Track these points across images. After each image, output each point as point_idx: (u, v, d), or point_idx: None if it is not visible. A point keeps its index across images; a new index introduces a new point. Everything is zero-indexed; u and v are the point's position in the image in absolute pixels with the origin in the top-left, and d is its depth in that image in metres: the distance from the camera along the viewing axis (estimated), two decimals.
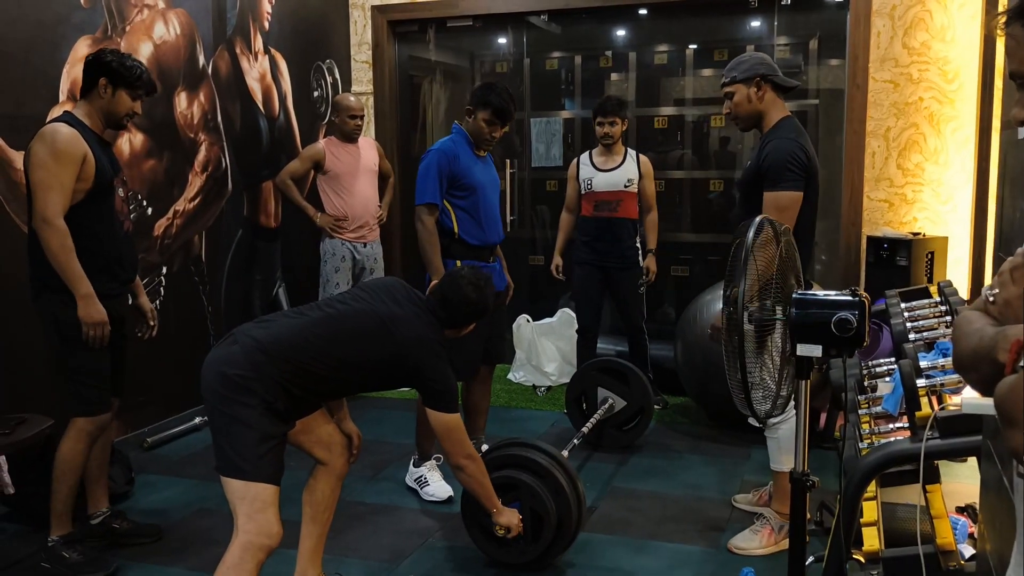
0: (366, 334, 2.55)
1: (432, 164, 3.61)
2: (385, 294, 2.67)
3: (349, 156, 5.05)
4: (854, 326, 1.99)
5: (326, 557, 3.18)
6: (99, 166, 3.06)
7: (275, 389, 2.40)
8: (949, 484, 3.21)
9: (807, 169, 3.06)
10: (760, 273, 2.18)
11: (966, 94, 4.79)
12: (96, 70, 3.11)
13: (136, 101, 3.18)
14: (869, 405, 2.73)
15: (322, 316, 2.57)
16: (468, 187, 3.64)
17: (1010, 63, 1.20)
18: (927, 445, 2.00)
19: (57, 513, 3.11)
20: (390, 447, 4.37)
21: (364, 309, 2.59)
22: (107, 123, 3.16)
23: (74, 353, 3.06)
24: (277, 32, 5.35)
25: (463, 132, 3.73)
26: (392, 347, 2.57)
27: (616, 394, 4.28)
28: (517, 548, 3.04)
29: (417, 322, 2.63)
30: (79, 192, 3.02)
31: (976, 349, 1.12)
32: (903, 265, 4.60)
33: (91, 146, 3.04)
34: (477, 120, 3.66)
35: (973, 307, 1.25)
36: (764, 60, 3.18)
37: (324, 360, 2.49)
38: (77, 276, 2.98)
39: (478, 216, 3.67)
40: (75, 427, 3.11)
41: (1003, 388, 0.97)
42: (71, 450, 3.10)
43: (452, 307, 2.75)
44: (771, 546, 3.21)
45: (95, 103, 3.12)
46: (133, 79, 3.12)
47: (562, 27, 6.11)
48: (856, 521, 2.31)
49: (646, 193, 4.82)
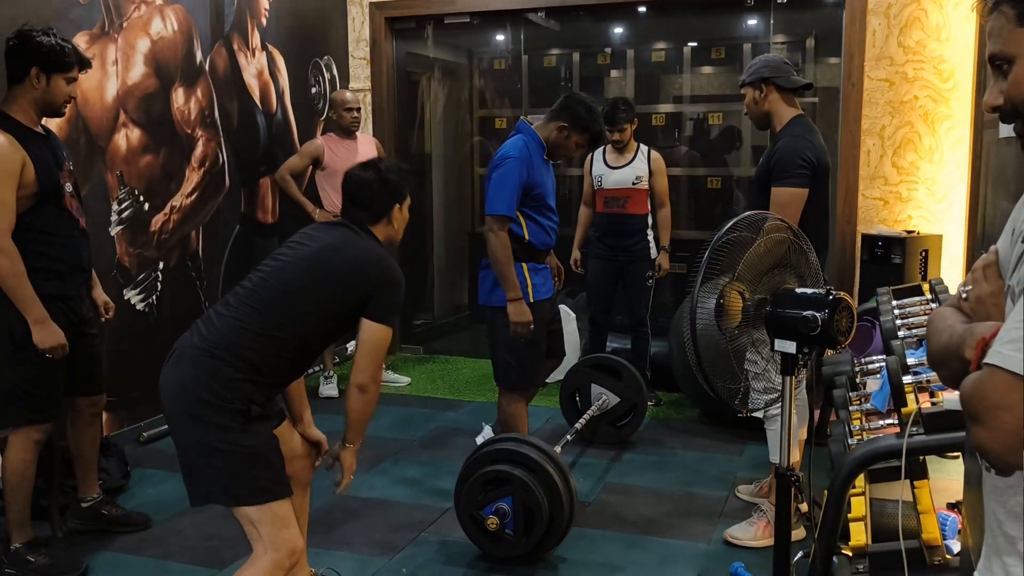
0: (311, 273, 2.40)
1: (512, 173, 3.39)
2: (306, 237, 2.53)
3: (347, 152, 5.07)
4: (818, 325, 2.00)
5: (319, 551, 3.21)
6: (40, 169, 2.85)
7: (241, 388, 2.25)
8: (940, 481, 3.23)
9: (814, 167, 3.12)
10: (753, 263, 2.21)
11: (961, 93, 4.80)
12: (25, 57, 2.83)
13: (71, 85, 2.92)
14: (860, 401, 2.76)
15: (259, 281, 2.41)
16: (539, 196, 3.51)
17: (992, 44, 1.17)
18: (911, 441, 2.01)
19: (16, 524, 3.01)
20: (385, 442, 4.39)
21: (298, 254, 2.45)
22: (42, 113, 2.94)
23: (24, 364, 2.90)
24: (275, 28, 5.36)
25: (536, 136, 3.52)
26: (342, 271, 2.41)
27: (610, 390, 4.30)
28: (509, 542, 3.06)
29: (355, 239, 2.48)
30: (24, 200, 2.83)
31: (947, 346, 1.14)
32: (897, 263, 4.62)
33: (28, 147, 2.83)
34: (569, 138, 3.51)
35: (947, 304, 1.26)
36: (769, 63, 3.26)
37: (278, 324, 2.33)
38: (29, 301, 2.82)
39: (544, 221, 3.56)
40: (21, 436, 2.97)
41: (967, 385, 0.99)
42: (20, 460, 2.97)
43: (365, 200, 2.55)
44: (766, 538, 3.22)
45: (28, 94, 2.86)
46: (67, 63, 2.87)
47: (560, 24, 6.13)
48: (843, 516, 2.33)
49: (658, 189, 4.86)
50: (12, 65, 2.87)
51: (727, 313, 2.24)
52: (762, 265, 2.26)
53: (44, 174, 2.88)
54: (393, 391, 5.35)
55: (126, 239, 4.27)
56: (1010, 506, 1.10)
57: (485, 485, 3.07)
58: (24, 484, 2.99)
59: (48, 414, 3.01)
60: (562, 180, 6.24)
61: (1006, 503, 1.10)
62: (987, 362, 0.96)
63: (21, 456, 2.98)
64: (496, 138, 6.45)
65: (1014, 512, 1.09)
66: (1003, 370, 0.94)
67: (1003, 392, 0.94)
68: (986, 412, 0.95)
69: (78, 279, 3.10)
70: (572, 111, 3.48)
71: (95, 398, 3.29)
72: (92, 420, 3.32)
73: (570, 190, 6.21)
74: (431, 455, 4.24)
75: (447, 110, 6.88)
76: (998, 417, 0.94)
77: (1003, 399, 0.93)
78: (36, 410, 2.98)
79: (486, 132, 6.58)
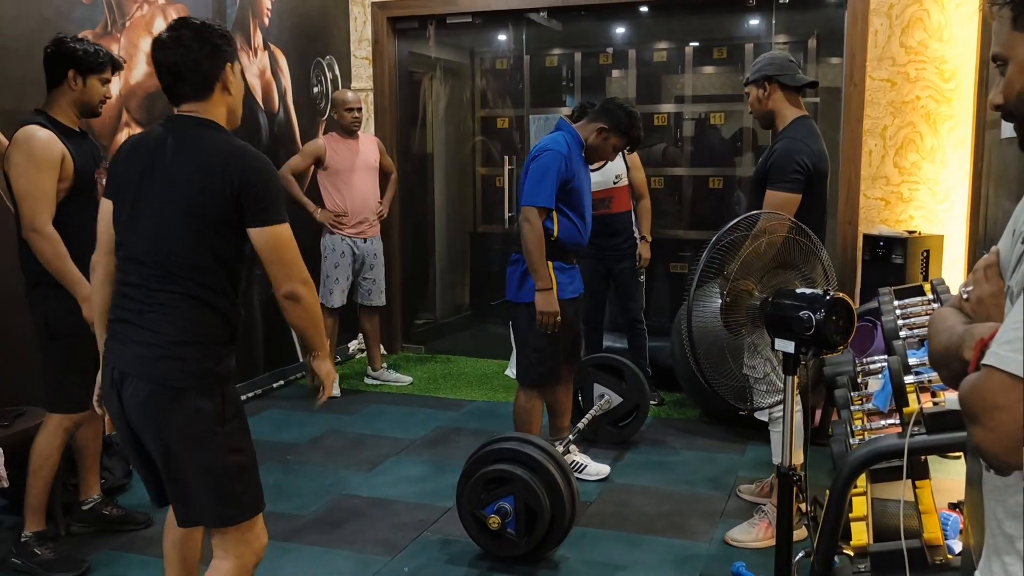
0: (176, 194, 2.06)
1: (552, 166, 3.41)
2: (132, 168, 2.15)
3: (349, 152, 5.09)
4: (812, 325, 2.00)
5: (320, 550, 3.22)
6: (77, 164, 3.00)
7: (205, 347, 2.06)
8: (943, 481, 3.24)
9: (809, 173, 3.10)
10: (750, 262, 2.21)
11: (963, 93, 4.80)
12: (62, 62, 3.00)
13: (106, 85, 3.09)
14: (862, 401, 2.76)
15: (132, 237, 2.11)
16: (575, 190, 3.52)
17: (993, 45, 1.20)
18: (913, 441, 2.01)
19: (32, 508, 3.09)
20: (387, 442, 4.40)
21: (152, 184, 2.09)
22: (81, 113, 3.09)
23: (61, 351, 3.03)
24: (277, 28, 5.37)
25: (576, 135, 3.56)
26: (209, 177, 2.05)
27: (612, 390, 4.30)
28: (511, 541, 3.07)
29: (190, 137, 2.12)
30: (61, 192, 2.98)
31: (947, 347, 1.15)
32: (899, 263, 4.62)
33: (67, 143, 2.98)
34: (607, 141, 3.56)
35: (949, 305, 1.27)
36: (773, 61, 3.23)
37: (179, 266, 2.06)
38: (76, 279, 2.94)
39: (576, 220, 3.56)
40: (52, 422, 3.09)
41: (966, 386, 0.99)
42: (48, 445, 3.08)
43: (189, 65, 2.10)
44: (768, 539, 3.22)
45: (66, 96, 3.03)
46: (101, 64, 3.03)
47: (562, 24, 6.13)
48: (845, 516, 2.34)
49: (636, 183, 4.90)
50: (50, 70, 3.02)
51: (734, 306, 2.24)
52: (761, 263, 2.27)
53: (81, 168, 3.01)
54: (395, 390, 5.36)
55: None
56: (1009, 505, 1.10)
57: (487, 484, 3.08)
58: (46, 469, 3.09)
59: (81, 403, 3.07)
60: None
61: (1005, 502, 1.11)
62: (985, 363, 0.97)
63: (49, 440, 3.09)
64: (498, 138, 6.47)
65: (1013, 511, 1.10)
66: (1001, 371, 0.95)
67: (1000, 393, 0.94)
68: (984, 412, 0.96)
69: None
70: (612, 114, 3.53)
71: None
72: (96, 418, 3.32)
73: None
74: (433, 454, 4.24)
75: (449, 110, 6.88)
76: (996, 417, 0.94)
77: (1001, 399, 0.94)
78: (70, 399, 3.07)
79: (488, 132, 6.59)
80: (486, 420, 4.72)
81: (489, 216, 6.68)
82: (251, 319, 5.20)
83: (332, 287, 5.15)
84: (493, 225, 6.61)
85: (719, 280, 2.43)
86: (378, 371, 5.50)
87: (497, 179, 6.34)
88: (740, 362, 2.49)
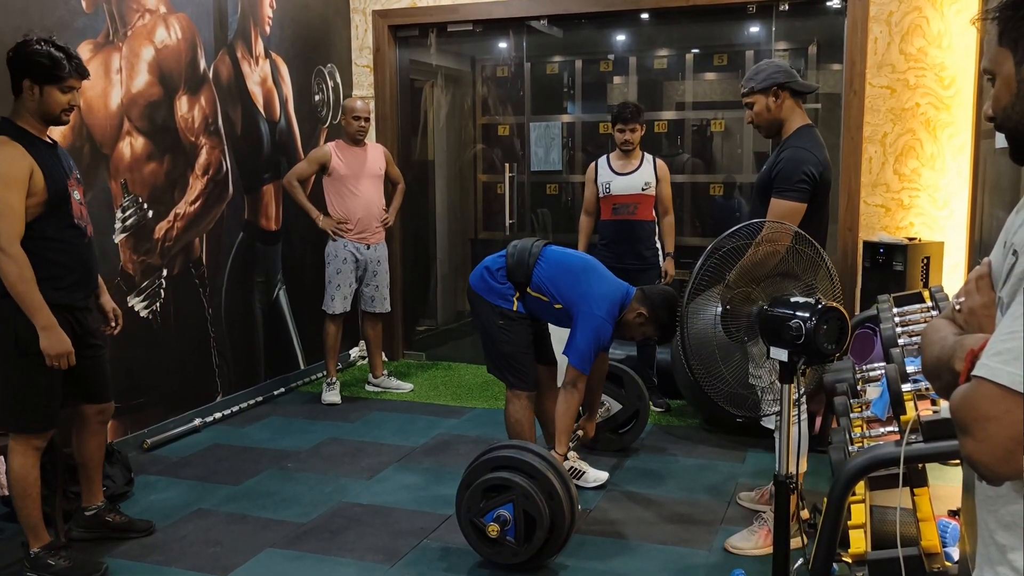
0: None
1: (604, 335, 3.65)
2: None
3: (355, 159, 5.11)
4: (802, 333, 2.00)
5: (321, 557, 3.22)
6: (48, 177, 2.88)
7: None
8: (941, 488, 3.23)
9: (815, 183, 3.09)
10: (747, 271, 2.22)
11: (962, 100, 4.81)
12: (19, 69, 2.84)
13: (69, 94, 2.90)
14: (861, 409, 2.76)
15: None
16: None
17: (983, 59, 1.22)
18: (910, 449, 2.02)
19: (30, 527, 3.04)
20: (387, 449, 4.40)
21: None
22: (44, 122, 2.94)
23: (29, 368, 2.92)
24: (278, 36, 5.39)
25: (620, 308, 3.71)
26: None
27: (612, 397, 4.30)
28: (510, 549, 3.07)
29: None
30: (33, 208, 2.86)
31: (939, 358, 1.15)
32: (899, 270, 4.63)
33: (36, 155, 2.86)
34: (641, 327, 3.66)
35: (942, 316, 1.28)
36: (781, 67, 3.21)
37: None
38: (38, 307, 2.84)
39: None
40: (21, 443, 2.99)
41: (956, 397, 1.00)
42: (22, 466, 2.99)
43: None
44: (767, 547, 3.21)
45: (26, 105, 2.88)
46: (59, 74, 2.84)
47: (563, 32, 6.15)
48: (844, 523, 2.34)
49: (663, 196, 4.92)
50: (12, 77, 2.91)
51: (733, 314, 2.24)
52: (761, 271, 2.27)
53: (53, 181, 2.91)
54: (396, 397, 5.36)
55: (130, 246, 4.29)
56: (1001, 515, 1.10)
57: (486, 492, 3.08)
58: (30, 489, 3.02)
59: (45, 424, 3.03)
60: (564, 186, 6.26)
61: (997, 512, 1.11)
62: (975, 374, 0.97)
63: (22, 462, 3.01)
64: (499, 145, 6.47)
65: (1004, 521, 1.10)
66: (990, 382, 0.96)
67: (990, 404, 0.95)
68: (974, 423, 0.96)
69: (85, 288, 3.11)
70: (655, 307, 3.56)
71: (103, 406, 3.30)
72: (99, 428, 3.32)
73: (572, 196, 6.22)
74: (433, 462, 4.25)
75: (450, 117, 6.90)
76: (985, 428, 0.95)
77: (990, 410, 0.95)
78: (34, 419, 3.00)
79: (489, 139, 6.60)
80: (487, 427, 4.72)
81: (490, 223, 6.68)
82: (252, 326, 5.22)
83: (333, 293, 5.16)
84: (494, 232, 6.61)
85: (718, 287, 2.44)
86: (379, 378, 5.50)
87: (498, 186, 6.35)
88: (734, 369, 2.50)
